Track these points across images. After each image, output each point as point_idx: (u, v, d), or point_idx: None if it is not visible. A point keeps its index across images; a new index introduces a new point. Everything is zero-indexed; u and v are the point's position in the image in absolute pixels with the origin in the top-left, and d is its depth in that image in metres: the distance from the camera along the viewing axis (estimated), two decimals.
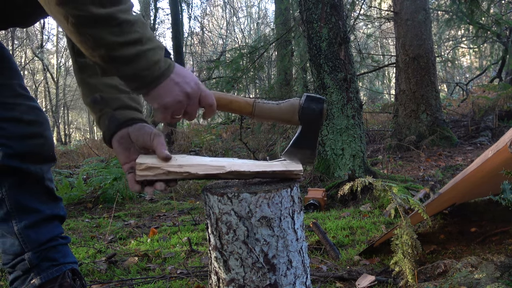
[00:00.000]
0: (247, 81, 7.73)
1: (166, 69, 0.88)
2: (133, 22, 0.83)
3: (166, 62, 0.88)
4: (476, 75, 12.52)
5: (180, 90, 0.90)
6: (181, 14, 11.82)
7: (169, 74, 0.88)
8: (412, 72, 6.32)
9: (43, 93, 22.23)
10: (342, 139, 3.71)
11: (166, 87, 0.88)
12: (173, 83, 0.89)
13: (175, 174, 0.95)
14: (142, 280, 1.71)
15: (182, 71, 0.92)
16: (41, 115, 1.20)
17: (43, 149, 1.19)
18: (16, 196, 1.14)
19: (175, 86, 0.89)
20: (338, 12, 3.80)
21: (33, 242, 1.16)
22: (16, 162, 1.12)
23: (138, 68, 0.84)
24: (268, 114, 1.03)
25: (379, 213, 2.69)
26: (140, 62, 0.84)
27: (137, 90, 0.90)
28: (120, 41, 0.81)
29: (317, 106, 1.03)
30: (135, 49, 0.83)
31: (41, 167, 1.18)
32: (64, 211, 1.27)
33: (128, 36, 0.82)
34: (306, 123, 1.03)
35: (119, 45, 0.81)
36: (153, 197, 4.10)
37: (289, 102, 1.03)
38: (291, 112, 1.03)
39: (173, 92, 0.89)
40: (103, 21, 0.79)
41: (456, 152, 5.70)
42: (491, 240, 1.76)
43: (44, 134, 1.19)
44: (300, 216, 1.03)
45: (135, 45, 0.83)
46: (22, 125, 1.14)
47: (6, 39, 16.54)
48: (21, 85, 1.19)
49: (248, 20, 21.73)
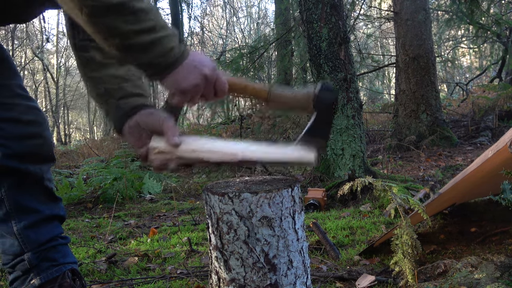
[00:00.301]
0: None
1: (181, 55, 0.88)
2: (147, 10, 0.83)
3: (180, 48, 0.89)
4: (476, 75, 12.52)
5: (198, 72, 0.90)
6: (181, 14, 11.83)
7: (183, 60, 0.89)
8: (412, 72, 6.32)
9: (43, 93, 22.23)
10: (342, 139, 3.71)
11: (181, 72, 0.89)
12: (189, 67, 0.90)
13: (187, 159, 0.94)
14: (142, 280, 1.71)
15: (198, 56, 0.92)
16: (39, 115, 1.20)
17: (42, 149, 1.19)
18: (16, 196, 1.14)
19: (192, 70, 0.90)
20: (338, 12, 3.80)
21: (32, 242, 1.16)
22: (15, 162, 1.12)
23: (154, 56, 0.85)
24: (283, 101, 1.04)
25: (379, 213, 2.69)
26: (155, 50, 0.85)
27: (153, 77, 0.90)
28: (135, 29, 0.82)
29: (331, 95, 1.04)
30: (149, 37, 0.83)
31: (40, 167, 1.18)
32: (64, 211, 1.27)
33: (143, 24, 0.83)
34: (320, 111, 1.03)
35: (134, 33, 0.82)
36: (153, 197, 4.10)
37: (304, 91, 1.04)
38: (306, 100, 1.03)
39: (189, 76, 0.90)
40: (117, 10, 0.80)
41: (456, 152, 5.70)
42: (491, 240, 1.76)
43: (43, 134, 1.19)
44: (301, 216, 1.03)
45: (150, 33, 0.83)
46: (20, 125, 1.14)
47: (6, 39, 16.54)
48: (20, 85, 1.19)
49: (248, 20, 21.74)
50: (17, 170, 1.13)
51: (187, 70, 0.89)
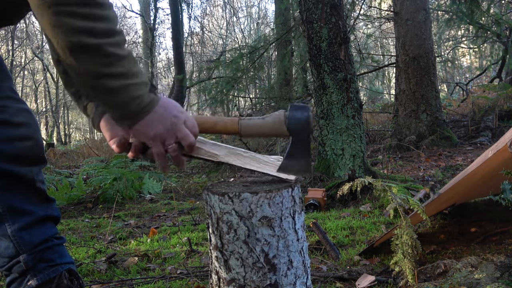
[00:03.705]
0: (247, 81, 7.73)
1: (148, 103, 0.91)
2: (121, 57, 0.87)
3: (149, 97, 0.92)
4: (476, 75, 12.52)
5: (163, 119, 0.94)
6: (181, 14, 11.83)
7: (151, 109, 0.92)
8: (412, 72, 6.32)
9: (43, 93, 22.24)
10: (342, 139, 3.71)
11: (148, 120, 0.92)
12: (156, 115, 0.93)
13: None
14: (142, 280, 1.71)
15: (167, 103, 0.96)
16: (30, 117, 1.20)
17: (33, 151, 1.19)
18: (8, 198, 1.14)
19: (158, 118, 0.93)
20: (338, 12, 3.80)
21: (27, 244, 1.16)
22: (5, 164, 1.12)
23: (119, 101, 0.89)
24: (256, 130, 1.03)
25: (379, 213, 2.69)
26: (122, 95, 0.88)
27: (120, 121, 0.94)
28: (104, 72, 0.86)
29: (303, 114, 1.02)
30: (117, 82, 0.87)
31: (31, 169, 1.18)
32: (58, 212, 1.27)
33: (113, 69, 0.86)
34: (295, 133, 1.02)
35: (104, 75, 0.86)
36: (153, 197, 4.10)
37: (274, 115, 1.03)
38: (278, 125, 1.02)
39: (157, 124, 0.93)
40: (92, 51, 0.84)
41: (456, 152, 5.70)
42: (491, 240, 1.76)
43: (33, 136, 1.19)
44: (301, 216, 1.03)
45: (118, 79, 0.87)
46: (11, 128, 1.13)
47: (6, 39, 16.55)
48: (10, 87, 1.19)
49: (248, 20, 21.73)
50: (8, 172, 1.12)
51: (155, 118, 0.93)
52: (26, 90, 21.81)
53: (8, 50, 16.79)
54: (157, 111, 0.93)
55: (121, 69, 0.87)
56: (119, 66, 0.87)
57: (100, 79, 0.86)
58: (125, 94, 0.88)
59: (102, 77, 0.86)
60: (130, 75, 0.88)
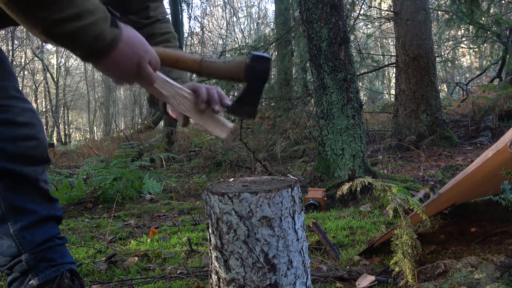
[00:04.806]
0: None
1: (111, 40, 0.86)
2: None
3: (111, 33, 0.86)
4: (476, 75, 12.52)
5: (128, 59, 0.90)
6: (181, 14, 11.82)
7: (114, 45, 0.87)
8: (412, 72, 6.32)
9: (43, 93, 22.25)
10: (342, 139, 3.71)
11: (113, 58, 0.88)
12: (120, 54, 0.89)
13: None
14: (142, 280, 1.71)
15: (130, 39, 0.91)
16: (34, 117, 1.20)
17: (37, 151, 1.19)
18: (11, 197, 1.14)
19: (122, 57, 0.89)
20: (338, 12, 3.80)
21: (29, 243, 1.16)
22: (9, 164, 1.12)
23: (79, 44, 0.83)
24: (215, 71, 1.07)
25: (379, 213, 2.69)
26: (80, 39, 0.82)
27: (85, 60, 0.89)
28: (55, 18, 0.78)
29: (263, 65, 1.06)
30: (72, 25, 0.80)
31: (34, 168, 1.18)
32: (61, 212, 1.27)
33: (65, 12, 0.78)
34: (251, 81, 1.06)
35: (55, 22, 0.78)
36: (153, 197, 4.10)
37: (236, 61, 1.07)
38: (237, 70, 1.06)
39: (120, 63, 0.89)
40: None
41: (456, 152, 5.70)
42: (491, 240, 1.76)
43: (37, 136, 1.19)
44: (301, 216, 1.03)
45: (73, 21, 0.79)
46: (15, 127, 1.14)
47: (6, 39, 16.56)
48: (15, 87, 1.19)
49: (248, 20, 21.75)
50: (11, 172, 1.13)
51: (119, 56, 0.88)
52: (26, 90, 21.82)
53: (8, 50, 16.80)
54: (122, 48, 0.88)
55: (74, 10, 0.79)
56: (71, 8, 0.78)
57: (53, 27, 0.79)
58: (84, 37, 0.82)
59: (54, 24, 0.78)
60: (86, 14, 0.81)
